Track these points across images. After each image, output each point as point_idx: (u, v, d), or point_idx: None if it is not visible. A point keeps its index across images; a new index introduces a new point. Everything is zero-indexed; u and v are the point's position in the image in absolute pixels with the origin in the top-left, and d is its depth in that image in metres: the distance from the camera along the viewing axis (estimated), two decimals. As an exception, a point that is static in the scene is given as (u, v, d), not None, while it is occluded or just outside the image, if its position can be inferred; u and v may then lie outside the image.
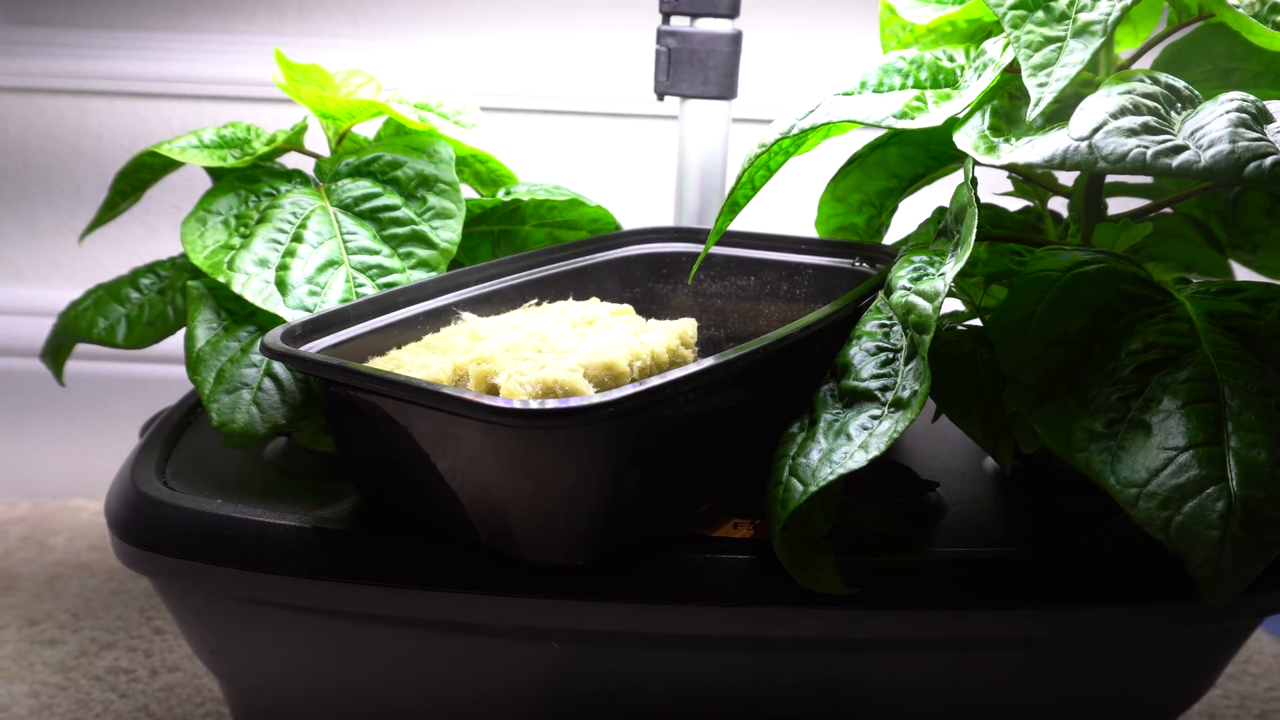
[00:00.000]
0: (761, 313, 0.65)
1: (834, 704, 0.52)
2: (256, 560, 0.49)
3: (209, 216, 0.60)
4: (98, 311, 0.65)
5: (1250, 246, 0.63)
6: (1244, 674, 0.73)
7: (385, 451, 0.48)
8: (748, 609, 0.48)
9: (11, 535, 0.89)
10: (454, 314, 0.56)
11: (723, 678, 0.52)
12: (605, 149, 0.98)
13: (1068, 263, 0.50)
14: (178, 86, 0.96)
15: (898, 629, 0.49)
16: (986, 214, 0.62)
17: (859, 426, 0.45)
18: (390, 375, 0.44)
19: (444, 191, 0.61)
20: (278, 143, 0.65)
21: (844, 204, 0.66)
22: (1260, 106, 0.44)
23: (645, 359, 0.50)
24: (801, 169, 0.69)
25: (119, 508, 0.54)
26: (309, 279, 0.57)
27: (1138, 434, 0.44)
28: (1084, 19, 0.48)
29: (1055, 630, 0.50)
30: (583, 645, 0.50)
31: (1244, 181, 0.41)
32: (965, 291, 0.58)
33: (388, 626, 0.50)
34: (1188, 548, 0.42)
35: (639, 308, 0.61)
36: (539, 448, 0.43)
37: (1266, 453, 0.43)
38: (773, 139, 0.53)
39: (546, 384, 0.45)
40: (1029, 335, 0.48)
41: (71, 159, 0.98)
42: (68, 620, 0.76)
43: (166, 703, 0.67)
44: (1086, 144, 0.44)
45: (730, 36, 0.71)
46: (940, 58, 0.55)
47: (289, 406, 0.55)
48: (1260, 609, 0.51)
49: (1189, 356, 0.46)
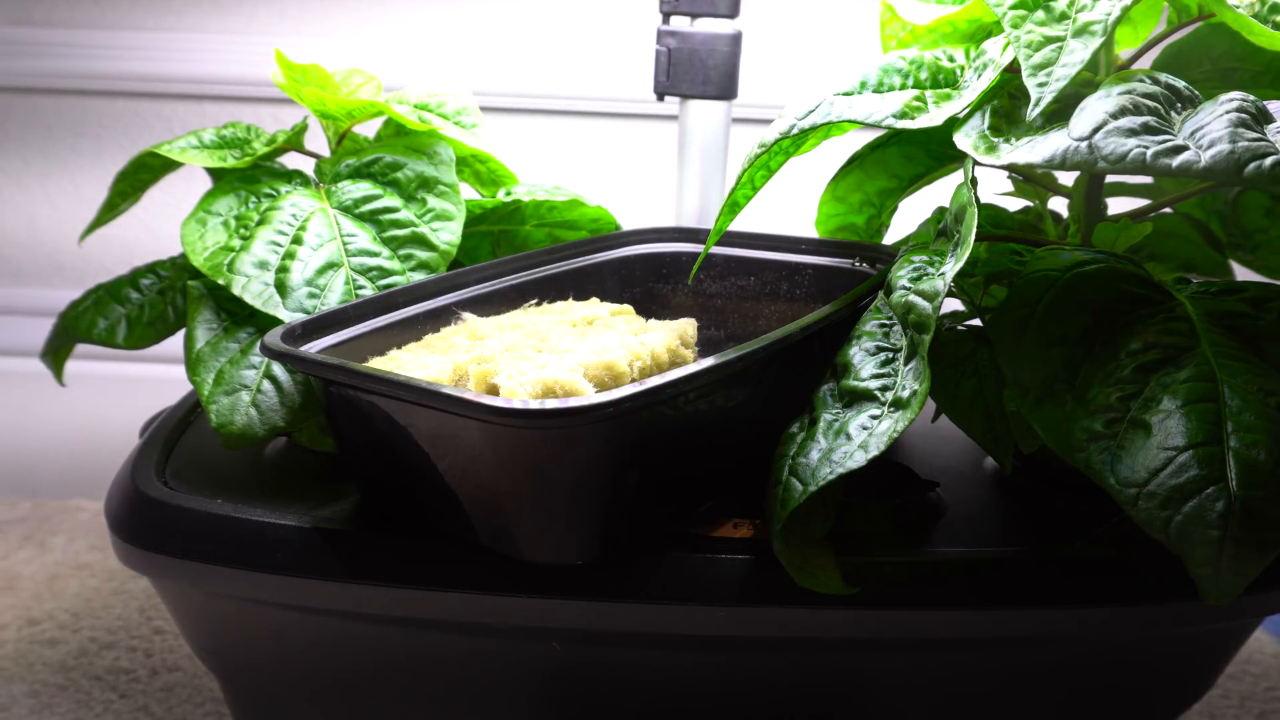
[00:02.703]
0: (761, 313, 0.65)
1: (834, 704, 0.52)
2: (256, 560, 0.49)
3: (209, 217, 0.60)
4: (98, 312, 0.65)
5: (1250, 246, 0.63)
6: (1244, 674, 0.73)
7: (385, 451, 0.48)
8: (748, 609, 0.48)
9: (11, 535, 0.89)
10: (454, 314, 0.56)
11: (723, 678, 0.52)
12: (605, 149, 0.98)
13: (1068, 263, 0.50)
14: (178, 86, 0.96)
15: (898, 629, 0.49)
16: (986, 214, 0.62)
17: (859, 426, 0.45)
18: (390, 375, 0.44)
19: (444, 193, 0.61)
20: (278, 143, 0.65)
21: (844, 204, 0.66)
22: (1260, 106, 0.44)
23: (645, 359, 0.50)
24: (801, 169, 0.69)
25: (119, 508, 0.54)
26: (309, 281, 0.57)
27: (1138, 434, 0.44)
28: (1084, 19, 0.48)
29: (1055, 630, 0.50)
30: (583, 645, 0.50)
31: (1244, 181, 0.41)
32: (965, 291, 0.58)
33: (388, 626, 0.50)
34: (1188, 548, 0.42)
35: (639, 308, 0.61)
36: (539, 448, 0.43)
37: (1266, 453, 0.43)
38: (773, 139, 0.53)
39: (546, 384, 0.45)
40: (1029, 335, 0.48)
41: (71, 159, 0.98)
42: (68, 620, 0.76)
43: (166, 703, 0.67)
44: (1086, 144, 0.44)
45: (730, 36, 0.71)
46: (940, 58, 0.55)
47: (288, 408, 0.55)
48: (1260, 609, 0.51)
49: (1189, 356, 0.46)
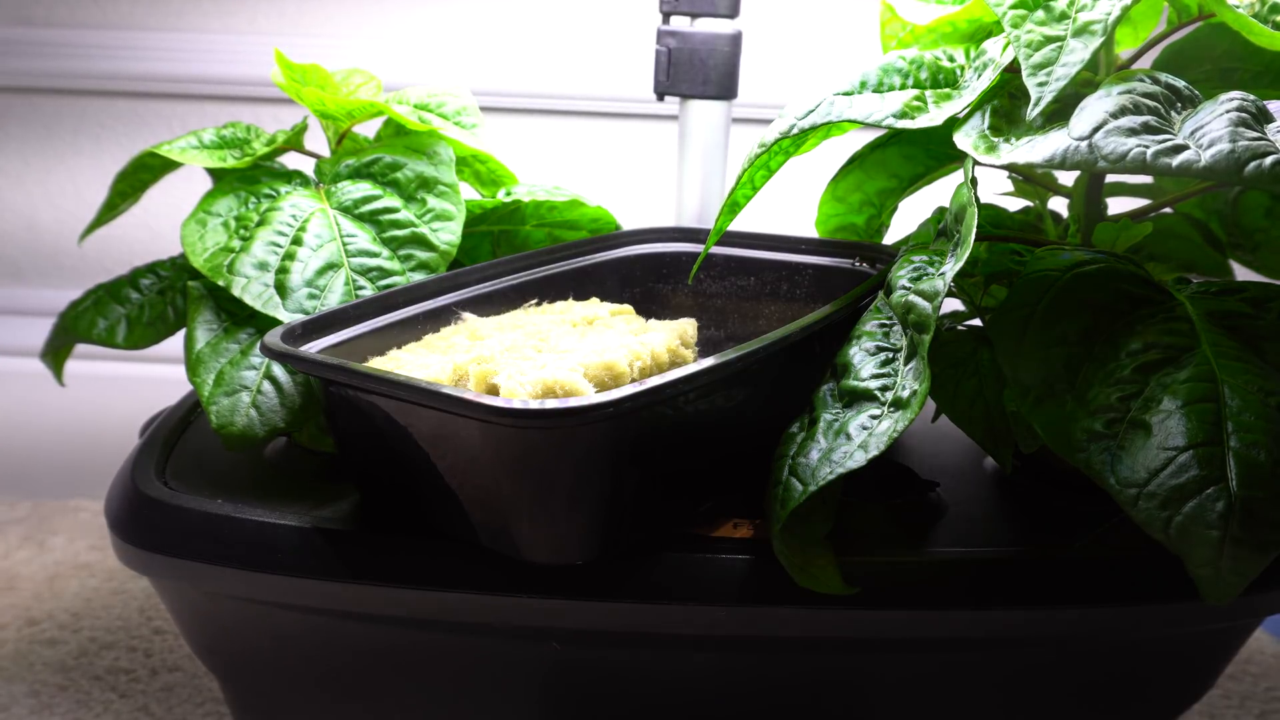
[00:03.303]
0: (761, 313, 0.65)
1: (834, 704, 0.52)
2: (256, 560, 0.49)
3: (209, 218, 0.60)
4: (98, 312, 0.65)
5: (1250, 246, 0.63)
6: (1244, 674, 0.73)
7: (385, 451, 0.48)
8: (748, 609, 0.48)
9: (11, 535, 0.89)
10: (454, 314, 0.56)
11: (723, 678, 0.52)
12: (605, 149, 0.98)
13: (1068, 263, 0.50)
14: (178, 86, 0.96)
15: (898, 629, 0.49)
16: (986, 214, 0.62)
17: (858, 426, 0.45)
18: (390, 375, 0.44)
19: (444, 193, 0.61)
20: (278, 143, 0.65)
21: (844, 204, 0.66)
22: (1260, 106, 0.44)
23: (645, 359, 0.50)
24: (801, 169, 0.69)
25: (119, 508, 0.54)
26: (309, 282, 0.57)
27: (1138, 434, 0.44)
28: (1084, 18, 0.48)
29: (1055, 630, 0.50)
30: (583, 645, 0.50)
31: (1244, 181, 0.41)
32: (965, 291, 0.58)
33: (388, 626, 0.50)
34: (1188, 548, 0.42)
35: (639, 308, 0.61)
36: (539, 448, 0.43)
37: (1266, 453, 0.43)
38: (773, 139, 0.53)
39: (546, 384, 0.45)
40: (1029, 335, 0.48)
41: (71, 159, 0.98)
42: (68, 620, 0.76)
43: (166, 703, 0.67)
44: (1086, 144, 0.44)
45: (730, 36, 0.71)
46: (940, 58, 0.55)
47: (288, 410, 0.55)
48: (1260, 609, 0.51)
49: (1189, 356, 0.46)
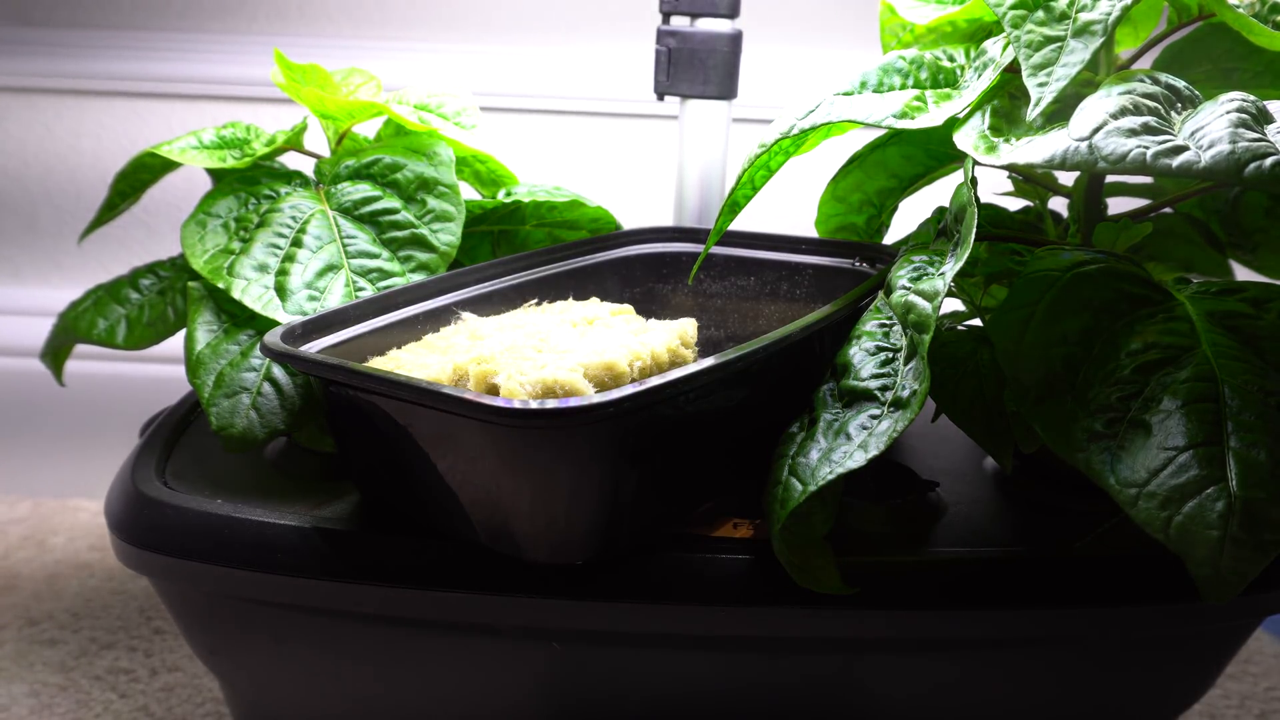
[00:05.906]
0: (761, 313, 0.65)
1: (834, 704, 0.52)
2: (256, 560, 0.49)
3: (209, 219, 0.60)
4: (98, 312, 0.65)
5: (1250, 246, 0.63)
6: (1244, 674, 0.73)
7: (385, 451, 0.48)
8: (748, 609, 0.48)
9: (11, 535, 0.89)
10: (454, 314, 0.56)
11: (723, 678, 0.52)
12: (605, 149, 0.98)
13: (1068, 263, 0.50)
14: (178, 86, 0.96)
15: (898, 629, 0.49)
16: (986, 214, 0.62)
17: (858, 426, 0.45)
18: (390, 375, 0.44)
19: (444, 194, 0.61)
20: (277, 143, 0.64)
21: (844, 204, 0.66)
22: (1260, 106, 0.44)
23: (645, 359, 0.50)
24: (801, 169, 0.69)
25: (119, 508, 0.54)
26: (308, 284, 0.57)
27: (1138, 434, 0.44)
28: (1084, 18, 0.48)
29: (1055, 630, 0.50)
30: (583, 645, 0.50)
31: (1244, 182, 0.41)
32: (965, 291, 0.58)
33: (388, 626, 0.50)
34: (1188, 548, 0.42)
35: (639, 308, 0.61)
36: (539, 448, 0.43)
37: (1266, 453, 0.43)
38: (773, 139, 0.53)
39: (546, 384, 0.45)
40: (1029, 335, 0.48)
41: (71, 159, 0.98)
42: (68, 620, 0.76)
43: (166, 703, 0.67)
44: (1086, 144, 0.44)
45: (730, 36, 0.71)
46: (940, 58, 0.55)
47: (288, 411, 0.55)
48: (1260, 609, 0.51)
49: (1189, 356, 0.46)
